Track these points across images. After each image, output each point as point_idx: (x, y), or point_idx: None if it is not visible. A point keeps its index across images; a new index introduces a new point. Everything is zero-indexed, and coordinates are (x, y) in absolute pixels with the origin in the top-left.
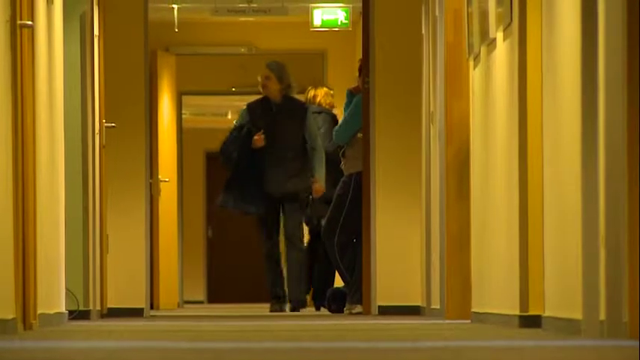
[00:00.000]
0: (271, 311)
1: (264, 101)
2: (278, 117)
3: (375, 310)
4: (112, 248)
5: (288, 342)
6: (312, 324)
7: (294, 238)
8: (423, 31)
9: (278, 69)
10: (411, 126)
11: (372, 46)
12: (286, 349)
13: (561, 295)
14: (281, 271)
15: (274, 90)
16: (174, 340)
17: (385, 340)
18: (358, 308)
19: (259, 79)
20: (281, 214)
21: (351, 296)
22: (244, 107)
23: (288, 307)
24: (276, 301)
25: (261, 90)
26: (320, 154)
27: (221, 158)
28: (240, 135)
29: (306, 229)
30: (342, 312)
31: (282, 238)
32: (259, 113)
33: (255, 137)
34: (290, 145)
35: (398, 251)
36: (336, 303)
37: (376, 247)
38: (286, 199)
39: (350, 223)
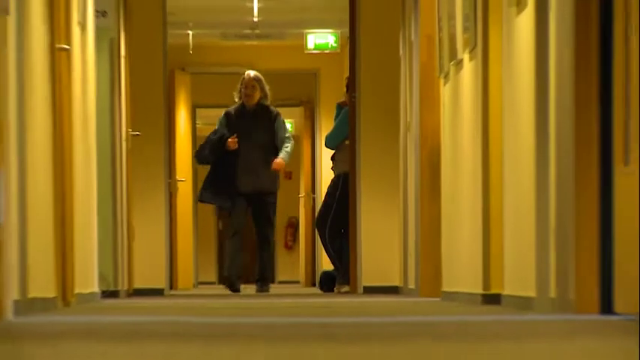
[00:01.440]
0: (231, 291)
1: (241, 107)
2: (252, 121)
3: (360, 289)
4: (137, 237)
5: (287, 317)
6: (307, 301)
7: (264, 230)
8: (401, 53)
9: (260, 81)
10: (391, 134)
11: (357, 66)
12: (286, 322)
13: (518, 276)
14: (238, 263)
15: (256, 98)
16: (190, 315)
17: (369, 315)
18: (346, 288)
19: (247, 80)
20: (250, 210)
21: (340, 278)
22: (224, 112)
23: (257, 288)
24: (233, 286)
25: (241, 96)
26: (290, 145)
27: (197, 160)
28: (214, 140)
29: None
30: (333, 291)
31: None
32: (235, 118)
33: (230, 140)
34: (262, 145)
35: (380, 240)
36: (327, 284)
37: (361, 236)
38: (256, 195)
39: (338, 215)
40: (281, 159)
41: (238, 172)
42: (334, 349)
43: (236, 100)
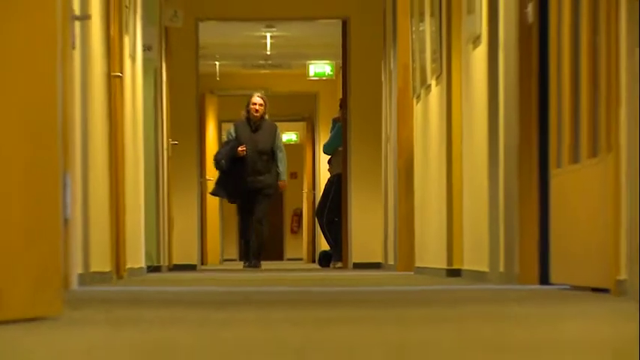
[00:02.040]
0: (244, 267)
1: (247, 121)
2: (256, 132)
3: (351, 265)
4: (175, 223)
5: (294, 286)
6: (310, 275)
7: (260, 218)
8: (382, 79)
9: (265, 101)
10: (374, 143)
11: (348, 89)
12: (294, 291)
13: (474, 255)
14: (248, 245)
15: (260, 113)
16: (217, 285)
17: (358, 285)
18: (339, 264)
19: (254, 101)
20: (254, 202)
21: (335, 256)
22: (233, 125)
23: (254, 262)
24: (249, 263)
25: (249, 112)
26: (283, 157)
27: (215, 165)
28: (228, 149)
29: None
30: (329, 267)
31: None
32: (243, 129)
33: (239, 149)
34: (264, 151)
35: (366, 226)
36: (325, 261)
37: (351, 223)
38: (258, 190)
39: (333, 207)
40: (283, 181)
41: (247, 172)
42: (332, 312)
43: (243, 114)
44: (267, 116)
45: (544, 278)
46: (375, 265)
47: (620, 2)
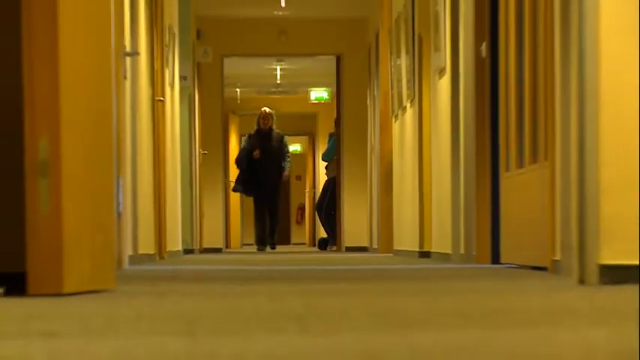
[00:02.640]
0: (258, 251)
1: (258, 131)
2: (267, 140)
3: (343, 248)
4: (205, 215)
5: (300, 265)
6: (311, 256)
7: (273, 209)
8: (368, 103)
9: (272, 114)
10: (362, 153)
11: (341, 111)
12: (299, 269)
13: (440, 240)
14: (263, 232)
15: (270, 124)
16: (237, 264)
17: (349, 264)
18: (334, 248)
19: (264, 113)
20: (266, 197)
21: (331, 242)
22: (247, 135)
23: (268, 248)
24: (261, 247)
25: (259, 123)
26: (289, 158)
27: (236, 165)
28: (244, 154)
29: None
30: (326, 250)
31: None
32: (255, 138)
33: (255, 153)
34: (274, 156)
35: (355, 218)
36: (323, 245)
37: (344, 215)
38: (270, 186)
39: (330, 203)
40: (286, 171)
41: (261, 173)
42: (328, 285)
43: (255, 126)
44: (274, 127)
45: (495, 259)
46: (363, 249)
47: (555, 42)
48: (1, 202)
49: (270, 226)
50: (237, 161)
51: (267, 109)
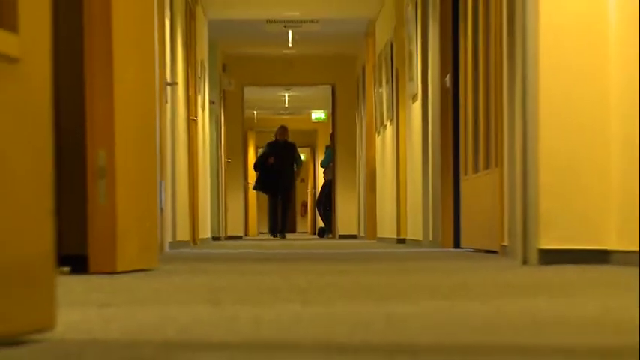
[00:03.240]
0: (272, 237)
1: (275, 142)
2: (282, 149)
3: (337, 236)
4: (229, 209)
5: (304, 249)
6: (313, 242)
7: (285, 205)
8: (356, 122)
9: (287, 129)
10: (352, 161)
11: (335, 128)
12: (303, 252)
13: (414, 228)
14: (275, 223)
15: (285, 137)
16: (254, 249)
17: (342, 248)
18: (330, 235)
19: (280, 128)
20: (280, 195)
21: (327, 231)
22: (266, 144)
23: (279, 236)
24: (274, 235)
25: (276, 135)
26: (300, 162)
27: (254, 170)
28: (262, 159)
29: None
30: (324, 237)
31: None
32: (272, 147)
33: (270, 159)
34: (287, 162)
35: (347, 211)
36: (321, 233)
37: (338, 210)
38: (284, 186)
39: (327, 201)
40: (297, 170)
41: (275, 176)
42: (326, 265)
43: (273, 138)
44: (288, 139)
45: (457, 244)
46: (353, 236)
47: (503, 75)
48: (68, 198)
49: (282, 218)
50: (255, 166)
51: (284, 125)
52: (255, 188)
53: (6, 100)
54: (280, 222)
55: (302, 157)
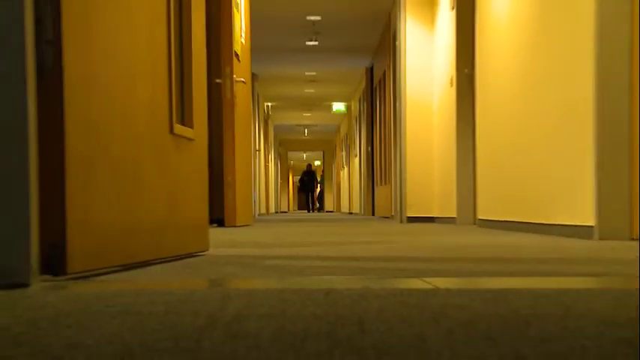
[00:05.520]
0: (307, 211)
1: (305, 170)
2: (308, 173)
3: (325, 211)
4: (282, 199)
5: (309, 215)
6: (316, 214)
7: (312, 197)
8: (332, 166)
9: (311, 164)
10: (330, 183)
11: (324, 168)
12: (310, 216)
13: (355, 209)
14: (308, 205)
15: (310, 168)
16: (294, 215)
17: (325, 216)
18: (320, 210)
19: (308, 166)
20: (309, 194)
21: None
22: (302, 172)
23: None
24: (308, 210)
25: (307, 167)
26: (318, 181)
27: (298, 182)
28: (300, 178)
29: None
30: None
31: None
32: (304, 173)
33: (304, 178)
34: (311, 180)
35: (329, 201)
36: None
37: (325, 200)
38: (310, 190)
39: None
40: (317, 182)
41: (306, 186)
42: (321, 222)
43: (305, 168)
44: (312, 169)
45: (373, 213)
46: (331, 211)
47: (392, 140)
48: (215, 196)
49: (311, 203)
50: (299, 182)
51: (310, 163)
52: (298, 191)
53: (189, 157)
54: (309, 204)
55: (318, 177)
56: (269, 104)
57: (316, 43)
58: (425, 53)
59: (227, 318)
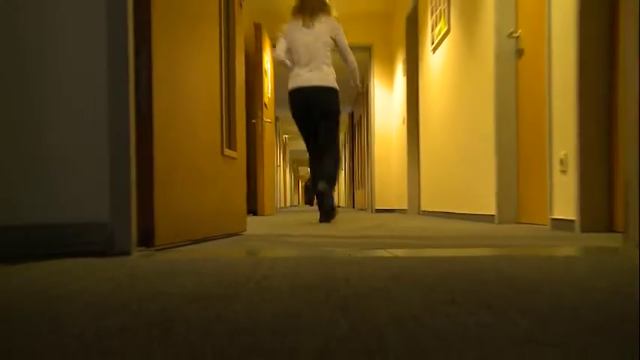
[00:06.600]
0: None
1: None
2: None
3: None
4: (294, 196)
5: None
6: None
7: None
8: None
9: None
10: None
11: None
12: (315, 208)
13: (343, 202)
14: (309, 202)
15: None
16: (303, 208)
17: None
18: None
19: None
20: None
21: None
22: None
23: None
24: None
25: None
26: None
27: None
28: (305, 185)
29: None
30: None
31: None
32: (308, 181)
33: (307, 184)
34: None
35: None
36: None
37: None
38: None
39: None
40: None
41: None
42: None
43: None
44: None
45: (353, 207)
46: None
47: (365, 152)
48: (250, 195)
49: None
50: (304, 187)
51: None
52: (304, 192)
53: (234, 169)
54: (311, 201)
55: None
56: (286, 136)
57: None
58: (387, 103)
59: (257, 277)
